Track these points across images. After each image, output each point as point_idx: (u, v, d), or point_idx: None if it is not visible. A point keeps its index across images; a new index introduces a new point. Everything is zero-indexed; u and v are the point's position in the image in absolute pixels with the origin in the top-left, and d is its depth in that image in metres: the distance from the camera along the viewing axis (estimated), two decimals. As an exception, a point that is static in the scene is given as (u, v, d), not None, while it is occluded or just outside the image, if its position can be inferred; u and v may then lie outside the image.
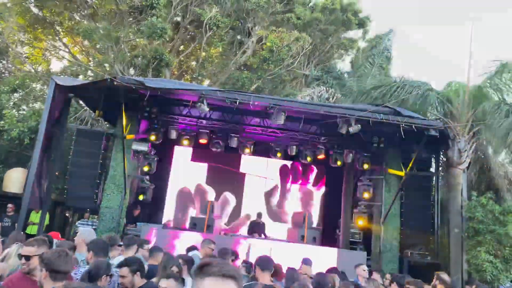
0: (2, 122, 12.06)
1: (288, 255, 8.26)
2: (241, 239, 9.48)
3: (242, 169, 12.90)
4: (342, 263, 8.18)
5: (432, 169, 11.61)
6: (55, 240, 5.64)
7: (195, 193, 12.58)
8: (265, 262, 4.25)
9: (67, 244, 4.44)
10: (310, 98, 10.93)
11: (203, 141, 11.26)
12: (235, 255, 6.63)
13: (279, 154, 11.83)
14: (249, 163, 12.83)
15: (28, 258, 3.22)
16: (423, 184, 10.88)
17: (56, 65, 18.73)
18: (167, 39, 13.98)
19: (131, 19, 14.42)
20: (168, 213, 12.37)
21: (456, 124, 9.85)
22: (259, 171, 12.96)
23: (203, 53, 15.88)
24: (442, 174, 11.37)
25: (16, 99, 14.99)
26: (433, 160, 11.58)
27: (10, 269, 3.67)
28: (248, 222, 11.59)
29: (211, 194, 12.45)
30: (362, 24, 18.75)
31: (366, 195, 11.03)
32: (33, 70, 16.97)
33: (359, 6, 18.43)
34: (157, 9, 13.32)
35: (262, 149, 12.09)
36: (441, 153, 11.19)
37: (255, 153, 11.90)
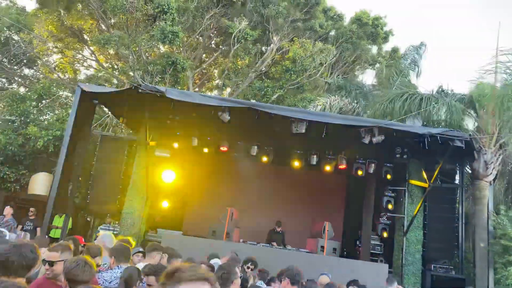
0: (30, 128, 12.37)
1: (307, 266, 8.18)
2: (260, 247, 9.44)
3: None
4: (362, 275, 8.03)
5: (457, 181, 11.35)
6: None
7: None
8: (296, 275, 4.08)
9: (96, 249, 4.48)
10: (323, 106, 10.91)
11: (223, 148, 11.30)
12: (255, 264, 6.57)
13: (299, 163, 11.74)
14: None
15: (51, 263, 3.24)
16: (447, 196, 10.63)
17: (80, 73, 19.22)
18: (180, 43, 14.13)
19: (146, 26, 14.67)
20: (188, 219, 12.42)
21: (481, 135, 9.63)
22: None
23: (230, 64, 16.01)
24: (467, 186, 11.09)
25: (42, 106, 15.39)
26: (457, 171, 11.32)
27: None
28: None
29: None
30: (386, 38, 18.89)
31: (388, 206, 10.85)
32: (60, 78, 17.46)
33: (384, 21, 18.54)
34: (169, 14, 13.55)
35: (282, 158, 12.02)
36: (466, 164, 10.93)
37: (275, 161, 11.85)
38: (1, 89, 17.21)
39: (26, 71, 18.27)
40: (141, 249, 5.52)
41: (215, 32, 16.77)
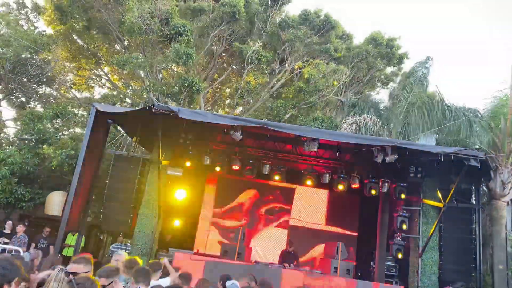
0: (45, 149, 12.56)
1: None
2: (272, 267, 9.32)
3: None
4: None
5: (473, 201, 11.12)
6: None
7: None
8: None
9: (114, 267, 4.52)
10: (356, 126, 10.92)
11: (235, 167, 11.32)
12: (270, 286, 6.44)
13: (311, 182, 11.68)
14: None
15: (76, 275, 3.27)
16: (464, 216, 10.41)
17: (95, 92, 19.62)
18: (192, 64, 14.31)
19: (161, 46, 14.92)
20: (200, 239, 12.37)
21: (498, 154, 9.47)
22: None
23: (242, 83, 16.19)
24: (484, 206, 10.85)
25: (57, 125, 15.66)
26: (473, 191, 11.11)
27: None
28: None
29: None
30: (401, 60, 18.87)
31: (402, 227, 10.65)
32: (76, 97, 17.83)
33: (398, 43, 18.58)
34: (184, 36, 13.77)
35: (295, 177, 11.98)
36: (483, 184, 10.73)
37: (287, 180, 11.81)
38: (20, 107, 17.60)
39: (43, 89, 18.69)
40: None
41: (227, 50, 16.98)
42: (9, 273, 2.79)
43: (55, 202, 11.36)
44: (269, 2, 16.99)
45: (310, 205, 13.02)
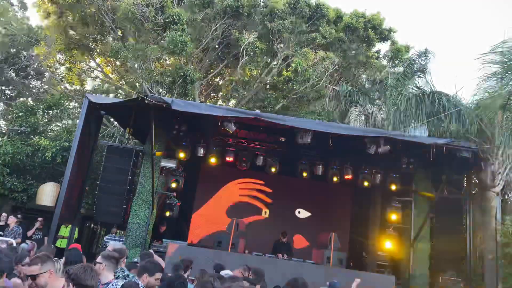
0: (42, 140, 12.48)
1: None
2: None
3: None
4: (369, 287, 7.96)
5: (464, 192, 11.24)
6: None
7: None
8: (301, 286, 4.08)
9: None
10: (365, 117, 11.01)
11: (229, 159, 11.34)
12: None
13: (305, 174, 11.73)
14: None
15: (34, 277, 3.15)
16: (454, 207, 10.53)
17: (88, 84, 19.45)
18: (188, 53, 14.21)
19: (156, 37, 14.82)
20: (194, 230, 12.41)
21: (488, 145, 9.55)
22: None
23: (237, 77, 16.12)
24: (475, 197, 10.97)
25: (50, 117, 15.56)
26: (464, 182, 11.23)
27: None
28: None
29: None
30: (385, 36, 18.46)
31: (394, 217, 10.77)
32: (68, 89, 17.67)
33: (381, 18, 18.12)
34: (179, 24, 13.69)
35: (288, 168, 12.02)
36: (473, 175, 10.84)
37: (281, 172, 11.85)
38: (10, 100, 17.45)
39: (34, 82, 18.50)
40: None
41: (222, 42, 16.88)
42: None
43: (46, 193, 11.34)
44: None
45: (305, 196, 13.07)
